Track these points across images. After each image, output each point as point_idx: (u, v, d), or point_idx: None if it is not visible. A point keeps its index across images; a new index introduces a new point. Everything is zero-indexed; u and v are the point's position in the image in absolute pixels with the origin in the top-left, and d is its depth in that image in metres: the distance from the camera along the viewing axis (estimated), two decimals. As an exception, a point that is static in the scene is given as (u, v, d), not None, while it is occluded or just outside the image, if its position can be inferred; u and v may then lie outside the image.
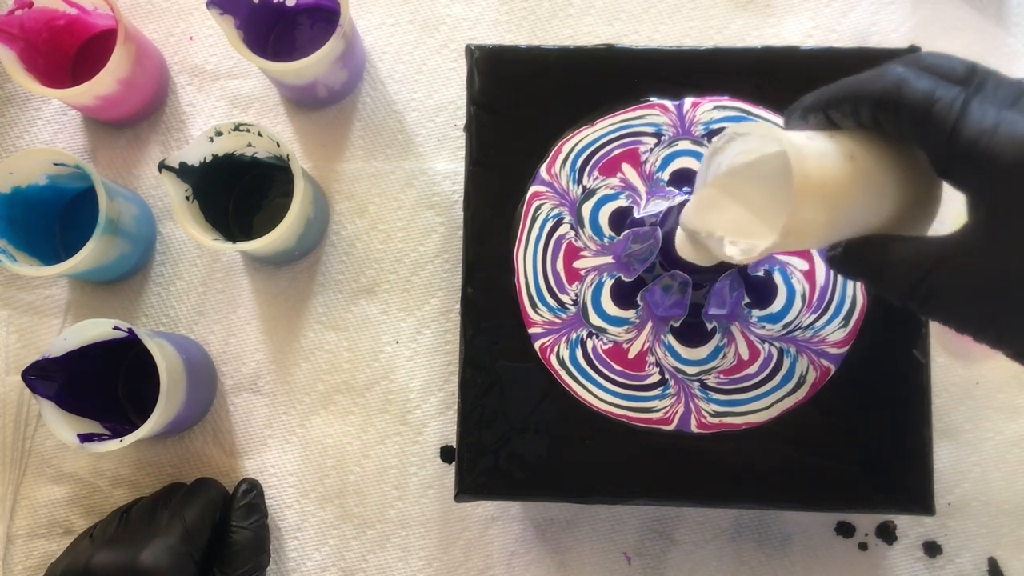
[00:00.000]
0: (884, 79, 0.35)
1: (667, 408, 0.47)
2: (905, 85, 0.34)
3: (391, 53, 0.59)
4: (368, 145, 0.58)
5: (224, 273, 0.57)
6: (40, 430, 0.56)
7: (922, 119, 0.33)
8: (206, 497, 0.50)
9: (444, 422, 0.55)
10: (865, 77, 0.36)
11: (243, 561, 0.50)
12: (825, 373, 0.47)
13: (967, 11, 0.58)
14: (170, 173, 0.49)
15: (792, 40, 0.58)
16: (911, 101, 0.33)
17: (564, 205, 0.49)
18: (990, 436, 0.54)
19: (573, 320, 0.48)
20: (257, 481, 0.53)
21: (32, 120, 0.59)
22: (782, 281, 0.47)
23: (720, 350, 0.47)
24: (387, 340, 0.56)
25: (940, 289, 0.34)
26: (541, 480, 0.47)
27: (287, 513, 0.55)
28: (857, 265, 0.37)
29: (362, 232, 0.57)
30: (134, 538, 0.48)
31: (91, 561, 0.46)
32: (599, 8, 0.59)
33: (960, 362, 0.55)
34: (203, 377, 0.54)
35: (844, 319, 0.47)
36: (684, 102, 0.49)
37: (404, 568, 0.54)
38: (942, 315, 0.34)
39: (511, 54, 0.51)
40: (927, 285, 0.34)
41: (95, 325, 0.48)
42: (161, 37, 0.59)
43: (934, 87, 0.33)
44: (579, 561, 0.54)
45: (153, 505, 0.50)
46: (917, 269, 0.34)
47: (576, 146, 0.49)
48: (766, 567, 0.53)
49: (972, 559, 0.53)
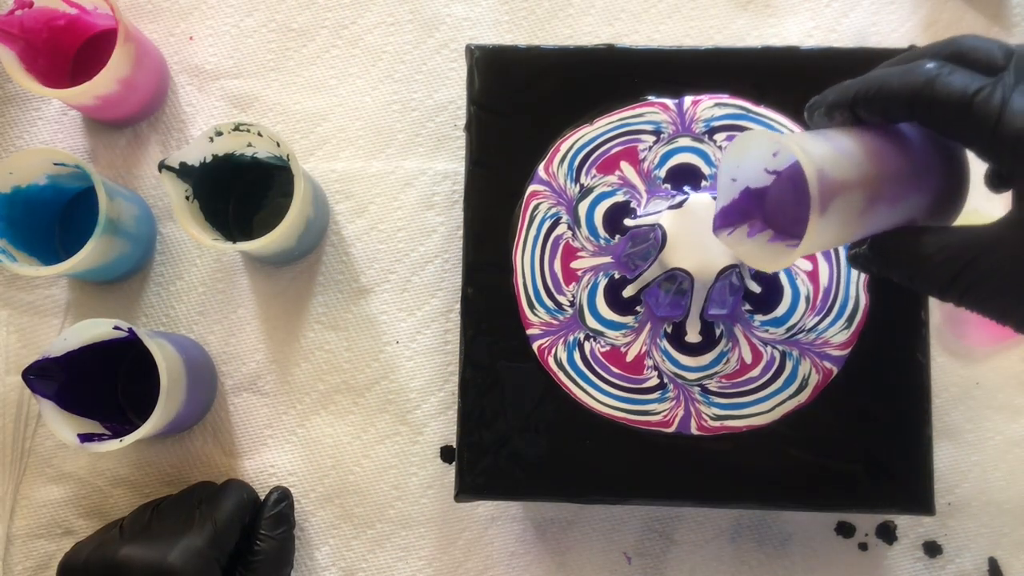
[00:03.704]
0: (915, 76, 0.34)
1: (667, 411, 0.47)
2: (938, 82, 0.33)
3: (391, 53, 0.59)
4: (368, 145, 0.58)
5: (224, 273, 0.57)
6: (40, 430, 0.56)
7: (962, 115, 0.32)
8: (237, 500, 0.50)
9: (444, 422, 0.55)
10: (894, 74, 0.35)
11: (266, 571, 0.50)
12: (827, 375, 0.47)
13: (967, 11, 0.58)
14: (170, 173, 0.49)
15: (792, 40, 0.58)
16: (947, 98, 0.33)
17: (561, 204, 0.49)
18: (990, 436, 0.54)
19: (570, 322, 0.48)
20: (289, 491, 0.53)
21: (32, 120, 0.59)
22: (787, 281, 0.47)
23: (724, 355, 0.47)
24: (387, 340, 0.56)
25: (982, 281, 0.33)
26: (541, 480, 0.47)
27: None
28: (890, 260, 0.36)
29: (362, 232, 0.57)
30: (163, 535, 0.48)
31: (119, 553, 0.46)
32: (599, 8, 0.59)
33: (960, 362, 0.54)
34: (203, 377, 0.54)
35: (847, 320, 0.47)
36: (684, 100, 0.49)
37: (404, 568, 0.54)
38: (983, 307, 0.34)
39: (511, 54, 0.51)
40: (968, 277, 0.33)
41: (95, 325, 0.48)
42: (161, 37, 0.59)
43: (969, 81, 0.33)
44: (579, 561, 0.54)
45: (184, 502, 0.50)
46: (957, 261, 0.33)
47: (574, 144, 0.49)
48: (766, 567, 0.53)
49: (972, 559, 0.53)
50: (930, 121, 0.34)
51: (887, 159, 0.35)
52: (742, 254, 0.40)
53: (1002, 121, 0.32)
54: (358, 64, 0.59)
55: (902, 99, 0.34)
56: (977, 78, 0.33)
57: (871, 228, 0.36)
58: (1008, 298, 0.33)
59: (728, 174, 0.40)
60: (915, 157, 0.36)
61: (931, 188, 0.36)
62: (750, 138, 0.39)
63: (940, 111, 0.33)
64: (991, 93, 0.32)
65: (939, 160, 0.36)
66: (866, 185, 0.34)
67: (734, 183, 0.40)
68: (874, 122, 0.36)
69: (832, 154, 0.34)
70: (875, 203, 0.35)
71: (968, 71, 0.33)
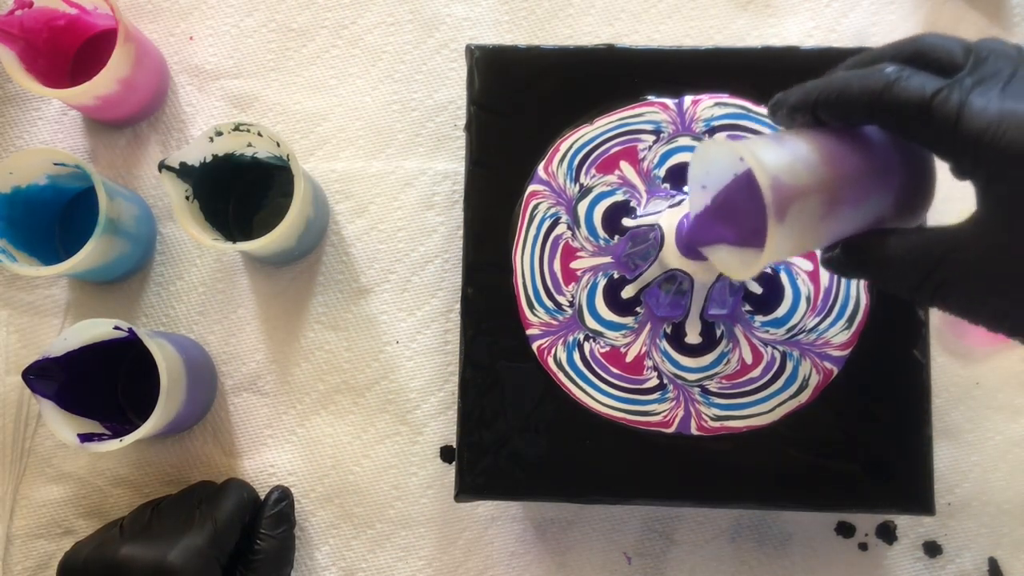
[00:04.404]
0: (874, 80, 0.34)
1: (666, 411, 0.47)
2: (897, 86, 0.33)
3: (391, 53, 0.59)
4: (368, 145, 0.58)
5: (224, 273, 0.57)
6: (40, 430, 0.56)
7: (921, 118, 0.33)
8: (237, 499, 0.50)
9: (444, 422, 0.55)
10: (854, 77, 0.35)
11: (266, 570, 0.50)
12: (828, 375, 0.47)
13: (967, 11, 0.58)
14: (170, 173, 0.49)
15: (792, 40, 0.58)
16: (906, 102, 0.33)
17: (561, 204, 0.49)
18: (990, 436, 0.54)
19: (570, 322, 0.48)
20: (290, 490, 0.53)
21: (32, 120, 0.59)
22: (788, 282, 0.47)
23: (724, 356, 0.47)
24: (387, 340, 0.56)
25: (951, 280, 0.33)
26: (541, 480, 0.47)
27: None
28: (859, 263, 0.37)
29: (362, 232, 0.57)
30: (164, 535, 0.48)
31: (119, 552, 0.46)
32: (599, 8, 0.59)
33: (960, 362, 0.54)
34: (203, 377, 0.54)
35: (848, 321, 0.47)
36: (684, 99, 0.49)
37: (404, 568, 0.54)
38: (954, 307, 0.34)
39: (511, 54, 0.51)
40: (937, 277, 0.33)
41: (95, 325, 0.48)
42: (161, 37, 0.59)
43: (927, 83, 0.33)
44: (579, 561, 0.54)
45: (184, 502, 0.50)
46: (925, 261, 0.34)
47: (574, 144, 0.49)
48: (766, 567, 0.53)
49: (972, 559, 0.53)
50: (891, 125, 0.34)
51: (847, 162, 0.35)
52: (715, 260, 0.41)
53: (961, 122, 0.32)
54: (358, 64, 0.59)
55: (862, 104, 0.34)
56: (935, 80, 0.33)
57: (837, 231, 0.36)
58: (977, 299, 0.33)
59: (698, 182, 0.40)
60: (876, 157, 0.36)
61: (895, 187, 0.36)
62: (710, 146, 0.39)
63: (900, 115, 0.33)
64: (949, 95, 0.32)
65: (902, 158, 0.36)
66: (824, 190, 0.34)
67: (704, 190, 0.40)
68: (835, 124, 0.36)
69: (788, 160, 0.34)
70: (835, 206, 0.35)
71: (927, 73, 0.33)
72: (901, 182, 0.36)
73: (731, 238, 0.39)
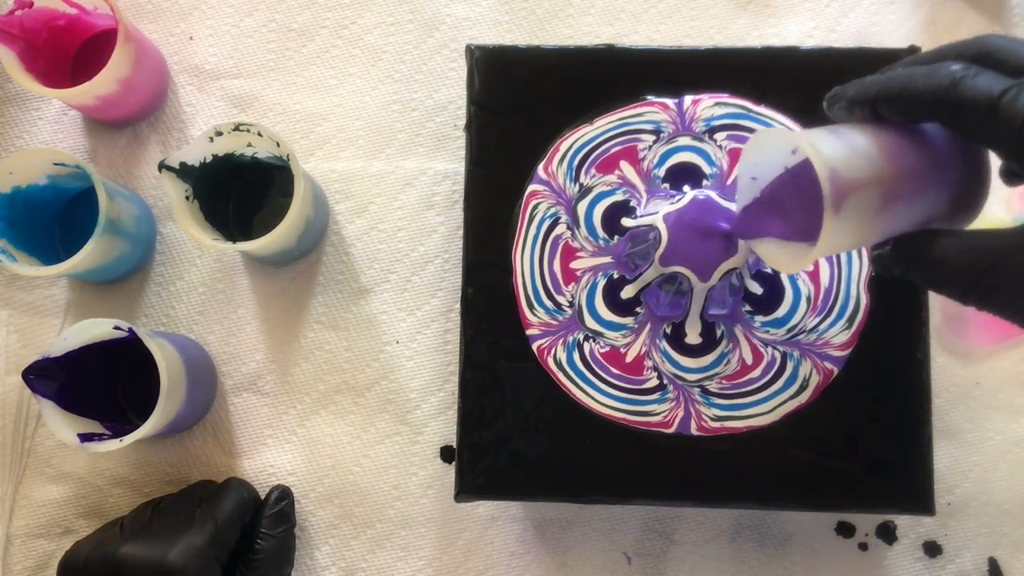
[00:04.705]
0: (939, 77, 0.33)
1: (666, 412, 0.47)
2: (963, 84, 0.33)
3: (391, 53, 0.59)
4: (368, 145, 0.58)
5: (224, 273, 0.57)
6: (40, 430, 0.56)
7: (987, 118, 0.32)
8: (238, 498, 0.50)
9: (444, 422, 0.55)
10: (918, 74, 0.34)
11: (267, 570, 0.50)
12: (828, 375, 0.47)
13: (967, 11, 0.58)
14: (170, 173, 0.49)
15: (792, 40, 0.58)
16: (972, 100, 0.32)
17: (560, 204, 0.49)
18: (990, 436, 0.54)
19: (570, 322, 0.48)
20: (290, 489, 0.53)
21: (32, 120, 0.59)
22: (788, 282, 0.47)
23: (724, 357, 0.47)
24: (387, 340, 0.56)
25: (1003, 286, 0.33)
26: (541, 480, 0.47)
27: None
28: (910, 262, 0.36)
29: (362, 232, 0.57)
30: (164, 534, 0.48)
31: (119, 552, 0.46)
32: (599, 8, 0.59)
33: (960, 362, 0.54)
34: (203, 377, 0.54)
35: (848, 321, 0.47)
36: (684, 99, 0.49)
37: (404, 568, 0.54)
38: (1005, 310, 0.34)
39: (511, 54, 0.51)
40: (989, 281, 0.33)
41: (95, 325, 0.48)
42: (161, 37, 0.59)
43: (994, 83, 0.32)
44: (579, 561, 0.54)
45: (185, 501, 0.50)
46: (977, 265, 0.33)
47: (574, 144, 0.49)
48: (766, 567, 0.53)
49: (972, 559, 0.53)
50: (954, 123, 0.34)
51: (905, 156, 0.35)
52: (762, 253, 0.40)
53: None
54: (358, 64, 0.59)
55: (926, 101, 0.34)
56: (1002, 80, 0.32)
57: (891, 227, 0.36)
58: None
59: (748, 173, 0.40)
60: (934, 154, 0.35)
61: (950, 185, 0.36)
62: (766, 136, 0.38)
63: (965, 114, 0.33)
64: (1017, 95, 0.32)
65: (959, 157, 0.36)
66: (881, 183, 0.34)
67: (754, 182, 0.40)
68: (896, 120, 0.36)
69: (846, 152, 0.34)
70: (892, 201, 0.34)
71: (993, 72, 0.33)
72: (957, 181, 0.36)
73: (779, 232, 0.39)
